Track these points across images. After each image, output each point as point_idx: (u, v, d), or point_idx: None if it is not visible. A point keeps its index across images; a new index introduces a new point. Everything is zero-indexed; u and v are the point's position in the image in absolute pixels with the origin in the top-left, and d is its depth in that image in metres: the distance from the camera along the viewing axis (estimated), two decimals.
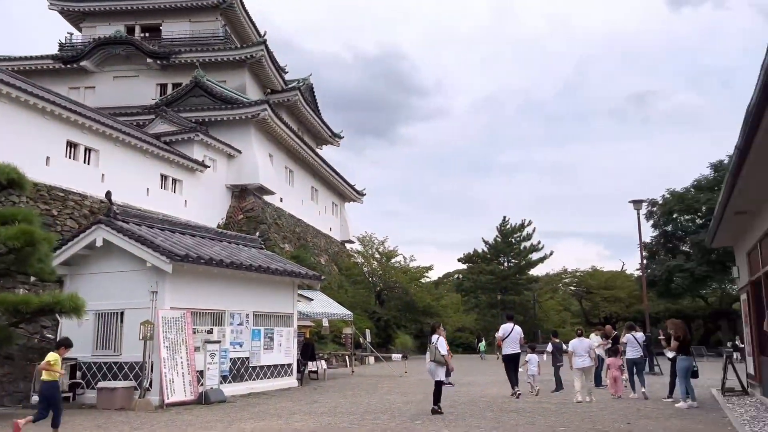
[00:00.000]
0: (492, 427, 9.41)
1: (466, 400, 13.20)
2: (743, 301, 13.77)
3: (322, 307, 20.47)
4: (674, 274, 37.22)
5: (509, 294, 57.19)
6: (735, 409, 11.18)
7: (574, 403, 12.49)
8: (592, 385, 13.56)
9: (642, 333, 15.09)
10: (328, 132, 55.91)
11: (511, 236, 59.54)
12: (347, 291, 41.46)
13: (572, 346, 13.63)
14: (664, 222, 39.79)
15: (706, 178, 38.06)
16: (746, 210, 11.06)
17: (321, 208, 52.91)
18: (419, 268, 40.48)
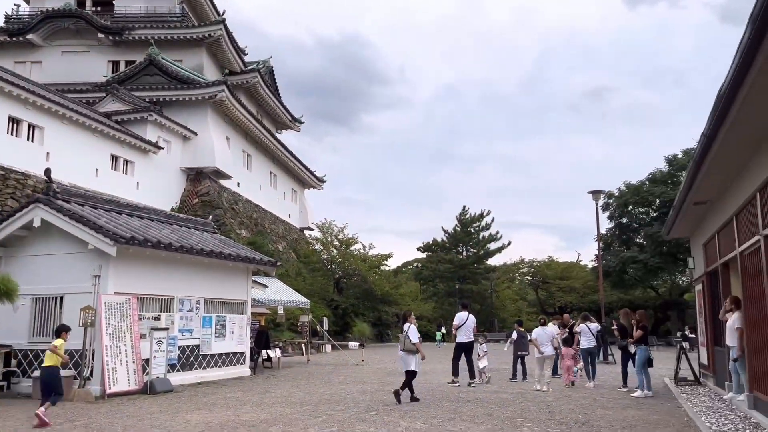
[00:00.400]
0: (449, 418, 9.13)
1: (422, 390, 12.91)
2: (698, 292, 13.89)
3: (277, 294, 19.91)
4: (628, 266, 37.95)
5: (467, 283, 57.59)
6: (689, 399, 11.22)
7: (531, 392, 12.37)
8: (549, 374, 13.50)
9: (596, 323, 15.13)
10: (288, 116, 54.89)
11: (470, 226, 59.89)
12: (305, 278, 40.87)
13: (536, 335, 13.52)
14: (620, 214, 40.50)
15: (661, 171, 38.82)
16: (706, 200, 11.05)
17: (280, 193, 52.00)
18: (378, 256, 40.19)
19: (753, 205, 8.24)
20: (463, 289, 57.36)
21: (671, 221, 13.45)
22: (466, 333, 13.89)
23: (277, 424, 8.76)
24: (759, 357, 8.68)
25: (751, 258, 8.65)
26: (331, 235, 40.10)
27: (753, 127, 7.08)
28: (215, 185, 38.77)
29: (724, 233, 10.58)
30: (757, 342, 8.69)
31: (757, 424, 8.12)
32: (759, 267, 8.21)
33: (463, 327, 13.93)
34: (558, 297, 52.75)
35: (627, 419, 9.02)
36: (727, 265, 11.02)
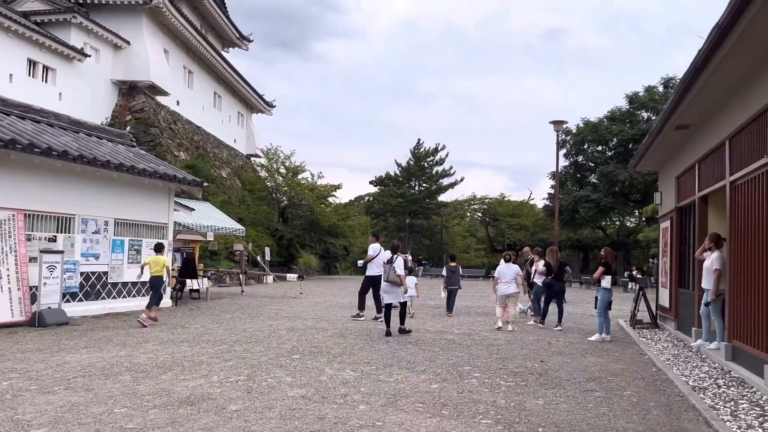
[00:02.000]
0: (385, 364, 7.72)
1: (360, 328, 11.53)
2: (663, 229, 12.79)
3: (207, 219, 17.98)
4: (580, 205, 37.42)
5: (418, 218, 56.65)
6: (651, 345, 10.19)
7: (479, 333, 11.14)
8: (514, 313, 12.35)
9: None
10: (236, 33, 51.02)
11: (424, 160, 58.40)
12: (249, 207, 38.79)
13: (499, 272, 12.31)
14: (576, 152, 39.65)
15: (620, 110, 37.86)
16: (690, 124, 9.65)
17: (225, 116, 48.92)
18: (327, 186, 38.27)
19: (761, 123, 6.80)
20: (413, 223, 56.43)
21: (644, 149, 12.10)
22: (377, 266, 12.70)
23: (173, 369, 7.15)
24: (742, 302, 7.50)
25: (749, 187, 7.30)
26: (277, 161, 37.79)
27: None
28: (151, 102, 35.61)
29: (709, 162, 9.24)
30: (743, 285, 7.48)
31: (739, 380, 6.99)
32: (759, 197, 6.88)
33: (376, 259, 12.81)
34: (508, 234, 52.49)
35: (588, 369, 7.81)
36: (705, 199, 9.77)
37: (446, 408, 5.63)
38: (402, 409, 5.53)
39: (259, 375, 6.93)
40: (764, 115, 6.69)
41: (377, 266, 12.69)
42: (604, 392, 6.45)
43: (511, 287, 12.08)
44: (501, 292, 12.10)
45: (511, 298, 12.17)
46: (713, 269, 8.81)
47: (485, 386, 6.60)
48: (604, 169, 36.27)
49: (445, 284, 15.27)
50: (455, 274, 15.44)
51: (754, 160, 7.06)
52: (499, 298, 12.24)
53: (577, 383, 6.88)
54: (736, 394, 6.30)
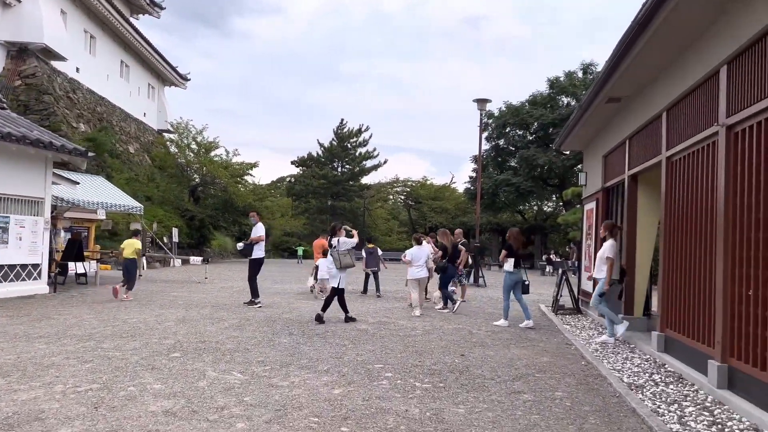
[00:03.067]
0: (282, 364, 6.54)
1: (263, 318, 10.27)
2: (588, 211, 12.26)
3: (97, 195, 15.96)
4: (501, 188, 37.45)
5: (340, 200, 55.51)
6: (576, 333, 9.55)
7: (394, 323, 10.15)
8: (438, 295, 11.61)
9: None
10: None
11: (347, 140, 57.18)
12: (159, 185, 36.20)
13: (410, 255, 11.43)
14: (498, 135, 39.60)
15: (542, 94, 38.06)
16: (623, 96, 8.97)
17: (133, 88, 45.48)
18: (243, 164, 36.23)
19: (710, 86, 6.07)
20: (336, 205, 55.25)
21: (572, 125, 11.45)
22: (262, 248, 11.95)
23: (11, 375, 5.67)
24: (679, 288, 6.86)
25: (689, 162, 6.62)
26: (188, 136, 35.35)
27: None
28: (45, 67, 32.21)
29: (642, 137, 8.59)
30: (680, 269, 6.83)
31: (677, 376, 6.33)
32: (701, 173, 6.18)
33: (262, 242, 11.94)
34: (430, 217, 52.32)
35: (514, 364, 6.96)
36: (635, 177, 9.17)
37: (347, 423, 4.53)
38: (290, 427, 4.39)
39: (120, 381, 5.57)
40: (714, 79, 5.96)
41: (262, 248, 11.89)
42: (533, 394, 5.57)
43: (422, 271, 11.33)
44: (412, 276, 11.32)
45: (422, 282, 11.47)
46: (605, 257, 8.38)
47: (397, 390, 5.56)
48: (525, 153, 36.42)
49: (364, 266, 15.02)
50: (373, 256, 15.23)
51: (696, 132, 6.36)
52: (411, 283, 11.47)
53: (503, 383, 5.98)
54: (677, 394, 5.59)
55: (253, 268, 12.10)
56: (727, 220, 5.44)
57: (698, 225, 6.33)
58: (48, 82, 31.80)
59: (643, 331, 9.05)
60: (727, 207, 5.45)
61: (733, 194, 5.40)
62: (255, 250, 11.90)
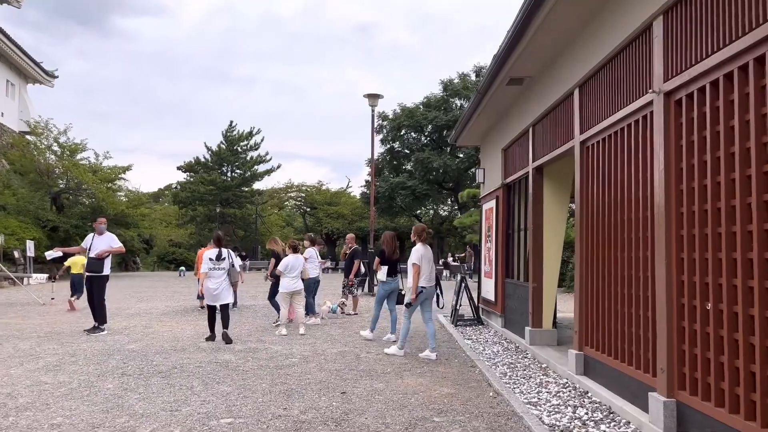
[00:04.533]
0: (91, 425, 4.63)
1: (98, 350, 8.16)
2: (487, 210, 11.16)
3: None
4: (397, 192, 36.55)
5: (231, 207, 52.43)
6: (479, 350, 8.29)
7: (261, 348, 8.41)
8: (301, 312, 9.99)
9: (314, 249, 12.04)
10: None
11: (237, 144, 54.09)
12: (15, 193, 31.83)
13: (285, 264, 9.79)
14: (393, 138, 38.70)
15: (435, 96, 37.62)
16: (525, 76, 7.83)
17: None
18: (114, 167, 32.69)
19: (639, 47, 4.92)
20: (225, 213, 52.07)
21: (468, 116, 10.28)
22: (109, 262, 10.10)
23: None
24: (601, 298, 5.70)
25: (610, 144, 5.47)
26: (49, 137, 31.39)
27: None
28: None
29: (549, 122, 7.47)
30: (601, 274, 5.68)
31: (607, 410, 5.10)
32: (634, 153, 5.03)
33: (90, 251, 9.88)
34: (326, 223, 50.67)
35: (408, 402, 5.47)
36: (541, 170, 8.06)
37: None
38: None
39: None
40: (645, 37, 4.81)
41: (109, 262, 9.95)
42: None
43: (297, 283, 9.81)
44: (285, 288, 9.74)
45: (296, 295, 9.93)
46: (412, 264, 7.64)
47: None
48: (420, 156, 35.75)
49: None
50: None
51: (621, 107, 5.20)
52: (283, 296, 9.90)
53: (392, 429, 4.46)
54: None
55: (100, 287, 9.91)
56: (668, 213, 4.26)
57: (623, 221, 5.18)
58: None
59: (553, 345, 7.94)
60: (668, 195, 4.27)
61: (677, 178, 4.22)
62: (105, 265, 9.76)
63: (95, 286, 9.91)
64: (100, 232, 10.09)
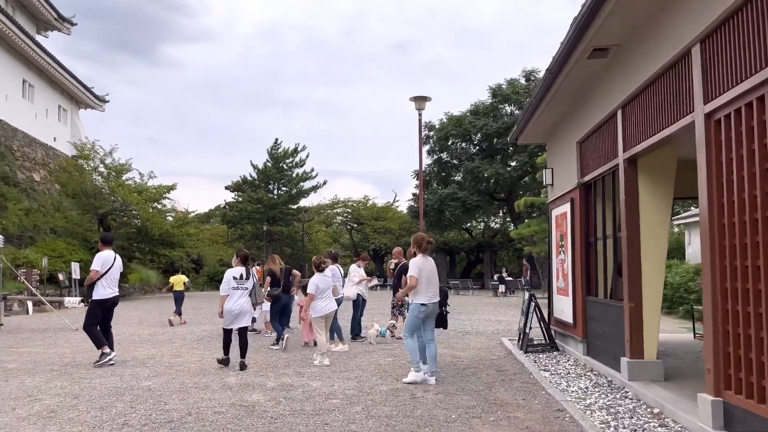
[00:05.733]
0: None
1: (107, 390, 7.02)
2: (559, 216, 9.58)
3: None
4: (446, 204, 34.99)
5: (277, 224, 51.92)
6: (562, 385, 6.73)
7: (309, 385, 7.07)
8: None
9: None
10: (53, 12, 43.39)
11: (282, 161, 53.75)
12: (65, 216, 31.90)
13: (314, 286, 8.61)
14: (440, 148, 37.26)
15: (483, 104, 36.05)
16: (612, 45, 6.34)
17: (39, 109, 41.08)
18: (159, 187, 32.38)
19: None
20: (272, 231, 51.60)
21: (534, 105, 8.79)
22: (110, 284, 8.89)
23: None
24: (747, 317, 4.13)
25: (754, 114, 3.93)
26: (94, 159, 31.36)
27: None
28: None
29: (650, 97, 5.94)
30: (748, 287, 4.10)
31: None
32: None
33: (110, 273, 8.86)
34: (373, 239, 49.42)
35: None
36: (635, 162, 6.50)
37: None
38: None
39: None
40: None
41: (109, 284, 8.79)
42: None
43: (331, 304, 8.78)
44: (319, 312, 8.61)
45: (329, 318, 8.87)
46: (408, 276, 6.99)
47: None
48: (469, 165, 34.14)
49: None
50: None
51: None
52: (318, 322, 8.67)
53: None
54: None
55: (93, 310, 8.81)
56: None
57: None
58: None
59: (659, 381, 6.31)
60: None
61: None
62: (96, 288, 8.71)
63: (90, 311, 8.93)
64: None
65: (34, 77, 39.90)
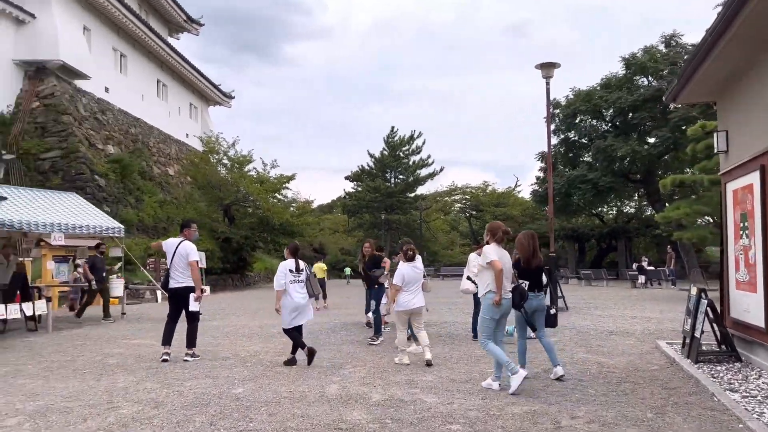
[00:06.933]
0: None
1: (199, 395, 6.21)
2: (738, 190, 7.50)
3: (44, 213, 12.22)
4: (574, 187, 32.22)
5: (395, 213, 51.43)
6: (760, 412, 4.91)
7: (422, 402, 5.82)
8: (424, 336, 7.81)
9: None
10: (182, 15, 45.66)
11: (399, 149, 53.17)
12: (197, 207, 33.26)
13: (400, 276, 7.67)
14: (567, 127, 34.42)
15: (616, 76, 32.71)
16: None
17: (172, 108, 43.48)
18: (280, 177, 32.73)
19: None
20: (390, 219, 51.21)
21: (705, 50, 6.81)
22: (181, 272, 8.17)
23: None
24: None
25: None
26: (218, 152, 32.30)
27: None
28: (66, 86, 30.01)
29: None
30: None
31: None
32: None
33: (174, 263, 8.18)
34: None
35: None
36: None
37: None
38: None
39: None
40: None
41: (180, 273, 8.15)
42: None
43: (417, 298, 7.75)
44: (402, 306, 7.65)
45: (416, 315, 7.84)
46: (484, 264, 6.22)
47: None
48: (601, 144, 31.11)
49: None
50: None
51: None
52: (400, 317, 7.79)
53: None
54: None
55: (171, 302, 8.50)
56: None
57: None
58: (68, 102, 29.53)
59: None
60: None
61: None
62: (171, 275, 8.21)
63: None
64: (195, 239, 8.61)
65: (167, 77, 42.20)
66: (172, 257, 8.22)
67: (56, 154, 27.79)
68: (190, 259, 8.21)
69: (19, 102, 28.56)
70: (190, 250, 8.29)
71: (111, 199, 28.71)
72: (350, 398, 5.79)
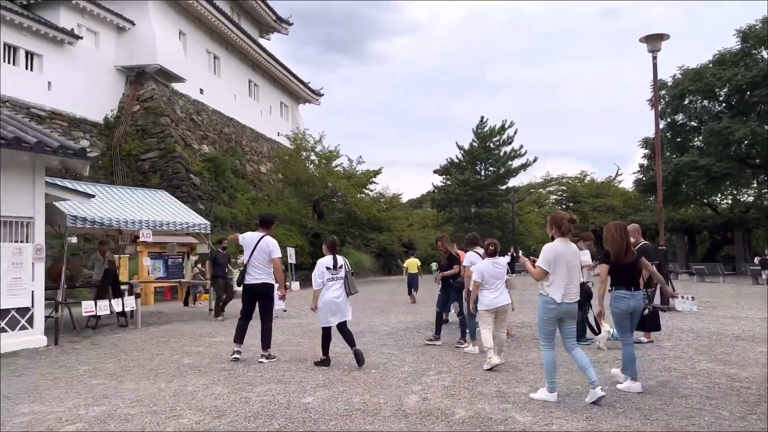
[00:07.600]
0: None
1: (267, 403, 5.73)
2: None
3: (130, 210, 12.33)
4: (683, 174, 29.58)
5: (486, 206, 49.94)
6: None
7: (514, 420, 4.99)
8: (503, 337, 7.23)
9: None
10: (272, 15, 46.60)
11: (489, 140, 51.52)
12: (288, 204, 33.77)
13: (479, 273, 7.14)
14: (673, 110, 31.69)
15: (730, 51, 29.67)
16: None
17: (264, 107, 44.49)
18: (367, 172, 32.49)
19: None
20: (480, 213, 49.82)
21: None
22: (258, 267, 7.84)
23: None
24: None
25: None
26: (306, 148, 32.50)
27: None
28: (164, 90, 31.31)
29: None
30: None
31: None
32: None
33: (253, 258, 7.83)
34: (592, 218, 44.70)
35: None
36: None
37: None
38: None
39: None
40: None
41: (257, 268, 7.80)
42: None
43: (503, 297, 7.17)
44: (486, 305, 7.06)
45: (501, 314, 7.18)
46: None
47: None
48: (714, 126, 28.29)
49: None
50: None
51: None
52: (484, 316, 7.09)
53: None
54: None
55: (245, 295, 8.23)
56: None
57: None
58: (166, 105, 30.76)
59: None
60: None
61: None
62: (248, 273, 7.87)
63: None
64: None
65: (258, 77, 43.19)
66: (252, 252, 7.87)
67: (155, 154, 28.97)
68: (273, 256, 7.86)
69: (122, 106, 30.04)
70: (273, 247, 7.94)
71: (205, 196, 29.60)
72: (430, 413, 5.06)
